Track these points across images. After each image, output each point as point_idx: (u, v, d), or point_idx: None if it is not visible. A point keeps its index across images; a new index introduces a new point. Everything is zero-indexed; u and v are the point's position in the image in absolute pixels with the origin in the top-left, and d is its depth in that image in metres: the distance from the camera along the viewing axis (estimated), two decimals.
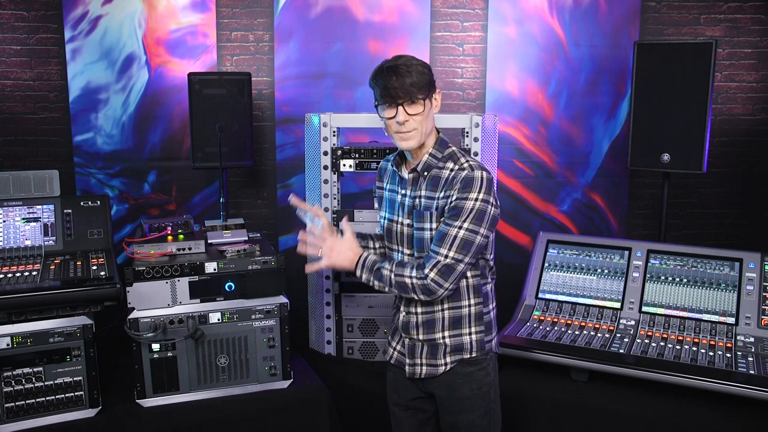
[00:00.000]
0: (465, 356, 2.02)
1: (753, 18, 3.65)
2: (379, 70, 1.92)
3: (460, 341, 2.02)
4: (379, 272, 1.97)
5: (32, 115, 3.49)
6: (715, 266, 2.69)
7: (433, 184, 1.98)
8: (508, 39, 3.64)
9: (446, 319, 2.02)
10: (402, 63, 1.89)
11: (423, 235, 1.98)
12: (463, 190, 1.89)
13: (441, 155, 1.99)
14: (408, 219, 2.03)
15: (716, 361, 2.41)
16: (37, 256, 2.48)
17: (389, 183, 2.14)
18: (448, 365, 2.03)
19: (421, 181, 2.00)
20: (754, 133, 3.77)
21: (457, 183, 1.90)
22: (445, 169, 1.97)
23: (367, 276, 2.00)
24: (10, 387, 2.21)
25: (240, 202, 3.68)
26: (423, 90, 1.89)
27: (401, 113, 1.89)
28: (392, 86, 1.87)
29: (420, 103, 1.90)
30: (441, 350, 2.03)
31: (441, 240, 1.90)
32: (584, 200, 3.80)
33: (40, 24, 3.43)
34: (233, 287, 2.45)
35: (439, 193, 1.96)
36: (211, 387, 2.45)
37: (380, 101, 1.93)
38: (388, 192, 2.14)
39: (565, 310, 2.77)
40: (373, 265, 1.99)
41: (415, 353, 2.07)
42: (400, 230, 2.06)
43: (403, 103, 1.89)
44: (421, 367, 2.06)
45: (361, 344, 2.91)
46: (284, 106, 3.63)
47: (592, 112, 3.72)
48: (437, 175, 1.98)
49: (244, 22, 3.57)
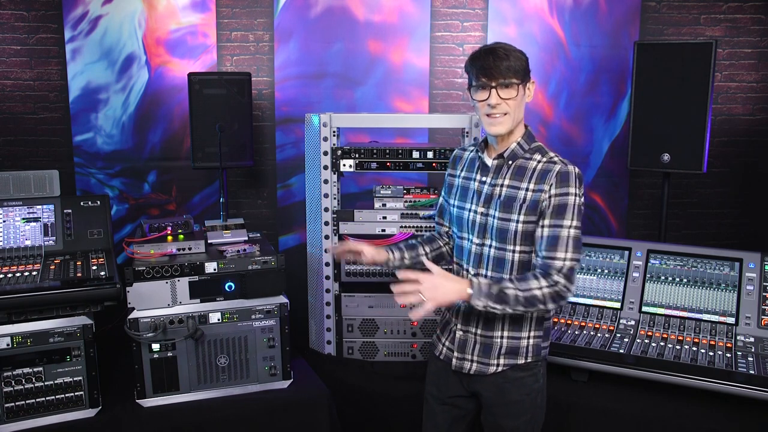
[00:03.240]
0: (519, 361, 1.97)
1: (753, 18, 3.65)
2: (477, 52, 1.91)
3: (517, 344, 1.97)
4: (503, 294, 1.82)
5: (32, 115, 3.49)
6: (715, 266, 2.68)
7: (518, 174, 1.94)
8: (508, 39, 3.59)
9: (507, 317, 1.95)
10: (501, 46, 1.89)
11: (508, 226, 1.91)
12: (561, 185, 1.86)
13: (528, 146, 1.97)
14: (483, 207, 1.97)
15: (716, 361, 2.41)
16: (37, 256, 2.48)
17: (465, 170, 2.09)
18: (500, 367, 1.97)
19: (505, 169, 1.96)
20: (754, 133, 3.77)
21: (552, 177, 1.87)
22: (533, 160, 1.94)
23: (486, 302, 1.82)
24: (10, 387, 2.21)
25: (240, 202, 3.68)
26: (518, 74, 1.88)
27: (494, 95, 1.87)
28: (488, 66, 1.85)
29: (514, 87, 1.88)
30: (495, 350, 1.98)
31: (556, 243, 1.84)
32: (584, 200, 3.79)
33: (40, 24, 3.43)
34: (233, 287, 2.45)
35: (527, 184, 1.91)
36: (211, 387, 2.45)
37: (475, 82, 1.90)
38: (462, 179, 2.08)
39: (565, 310, 2.77)
40: (489, 288, 1.83)
41: (465, 349, 2.02)
42: (472, 218, 2.00)
43: (497, 86, 1.87)
44: (471, 363, 2.01)
45: (361, 344, 2.91)
46: (284, 106, 3.63)
47: (592, 112, 3.72)
48: (523, 165, 1.94)
49: (244, 22, 3.57)
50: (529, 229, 1.90)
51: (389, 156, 2.83)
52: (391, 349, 2.90)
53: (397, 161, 2.83)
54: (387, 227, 2.83)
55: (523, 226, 1.90)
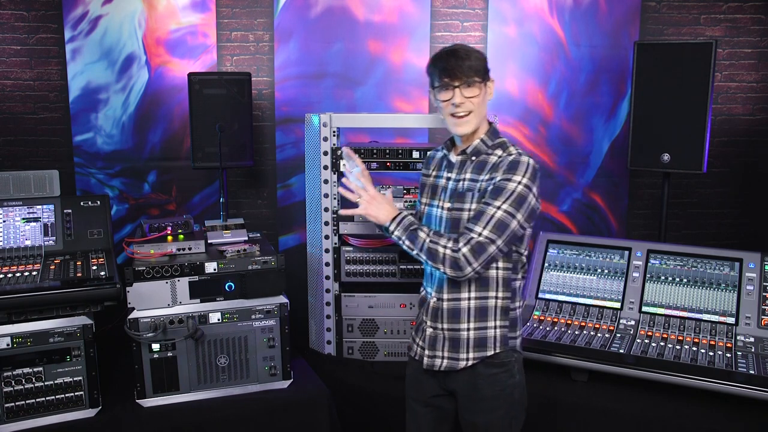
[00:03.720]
0: (488, 353, 2.00)
1: (753, 18, 3.65)
2: (438, 54, 1.99)
3: (484, 334, 2.00)
4: (415, 233, 1.96)
5: (32, 115, 3.49)
6: (715, 266, 2.68)
7: (478, 168, 2.00)
8: (508, 39, 3.64)
9: (472, 309, 2.00)
10: (460, 47, 1.97)
11: (461, 215, 1.98)
12: (508, 171, 1.91)
13: (491, 143, 2.03)
14: (448, 202, 2.03)
15: (716, 361, 2.41)
16: (37, 256, 2.48)
17: (435, 169, 2.16)
18: (470, 361, 2.01)
19: (468, 164, 2.03)
20: (754, 133, 3.77)
21: (503, 165, 1.93)
22: (494, 155, 2.00)
23: (400, 234, 1.99)
24: (10, 387, 2.22)
25: (240, 202, 3.68)
26: (479, 74, 1.96)
27: (458, 95, 1.94)
28: (451, 67, 1.93)
29: (476, 86, 1.96)
30: (463, 344, 2.01)
31: (478, 218, 1.90)
32: (584, 200, 3.80)
33: (40, 24, 3.42)
34: (233, 287, 2.45)
35: (483, 176, 1.98)
36: (211, 387, 2.45)
37: (438, 83, 1.97)
38: (434, 178, 2.15)
39: (565, 310, 2.77)
40: (410, 224, 1.99)
41: (435, 345, 2.05)
42: (439, 214, 2.06)
43: (460, 86, 1.94)
44: (442, 360, 2.04)
45: (361, 344, 2.91)
46: (284, 106, 3.63)
47: (592, 112, 3.72)
48: (485, 160, 2.01)
49: (244, 22, 3.57)
50: None
51: (389, 156, 2.83)
52: (391, 349, 2.90)
53: (397, 161, 2.84)
54: None
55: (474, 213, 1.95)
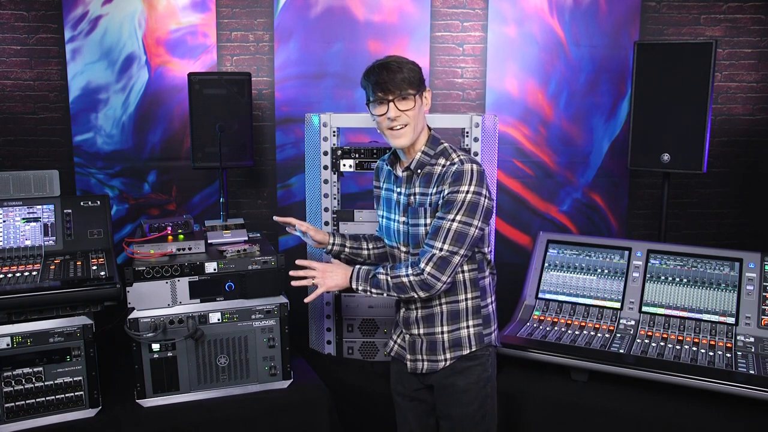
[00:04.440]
0: (464, 352, 2.04)
1: (753, 18, 3.65)
2: (370, 68, 1.96)
3: (458, 336, 2.04)
4: (375, 278, 1.99)
5: (32, 115, 3.49)
6: (715, 266, 2.68)
7: (426, 181, 2.00)
8: (508, 39, 3.64)
9: (445, 313, 2.03)
10: (393, 60, 1.94)
11: (418, 231, 2.00)
12: (454, 183, 1.91)
13: (433, 152, 2.02)
14: (403, 217, 2.05)
15: (716, 361, 2.41)
16: (37, 256, 2.48)
17: (385, 182, 2.17)
18: (448, 361, 2.04)
19: (415, 178, 2.03)
20: (754, 133, 3.77)
21: (449, 177, 1.93)
22: (438, 165, 2.00)
23: (364, 286, 2.00)
24: (10, 387, 2.21)
25: (240, 202, 3.68)
26: (414, 86, 1.93)
27: (392, 109, 1.92)
28: (383, 81, 1.90)
29: (411, 99, 1.94)
30: (440, 346, 2.05)
31: (435, 234, 1.92)
32: (584, 200, 3.80)
33: (40, 24, 3.42)
34: (233, 287, 2.45)
35: (432, 188, 1.98)
36: (211, 387, 2.45)
37: (372, 97, 1.96)
38: (385, 191, 2.17)
39: (565, 310, 2.77)
40: (367, 274, 2.01)
41: (415, 349, 2.09)
42: (397, 228, 2.09)
43: (394, 99, 1.92)
44: (423, 362, 2.08)
45: (361, 344, 2.91)
46: (284, 106, 3.63)
47: (592, 112, 3.72)
48: (430, 171, 2.00)
49: (244, 22, 3.57)
50: None
51: None
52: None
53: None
54: None
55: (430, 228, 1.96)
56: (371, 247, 2.29)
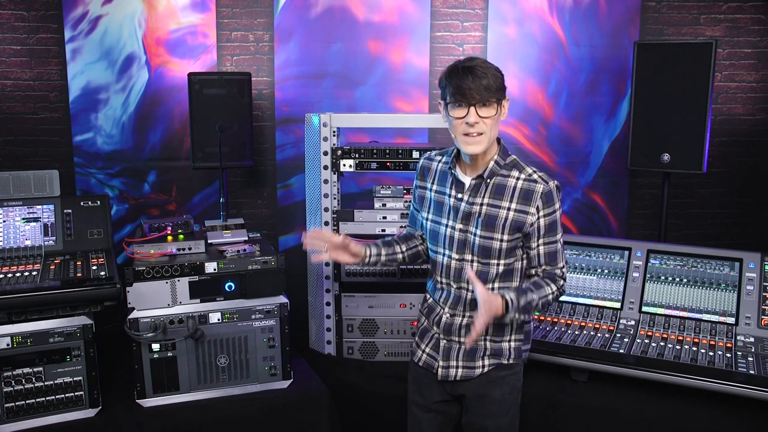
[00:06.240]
0: (503, 362, 2.02)
1: (753, 18, 3.65)
2: (453, 69, 1.87)
3: (500, 347, 2.02)
4: (529, 306, 1.94)
5: (32, 115, 3.49)
6: (715, 266, 2.68)
7: (497, 192, 1.95)
8: (508, 39, 3.64)
9: (490, 325, 1.98)
10: (478, 64, 1.85)
11: (491, 244, 1.95)
12: (547, 205, 1.94)
13: (504, 162, 1.97)
14: (461, 224, 1.98)
15: (716, 361, 2.41)
16: (37, 256, 2.48)
17: (437, 184, 2.07)
18: (486, 368, 2.02)
19: (483, 188, 1.97)
20: (754, 133, 3.77)
21: (538, 199, 1.93)
22: (511, 177, 1.96)
23: (519, 315, 1.93)
24: (10, 387, 2.22)
25: (240, 202, 3.68)
26: (497, 93, 1.86)
27: (473, 114, 1.85)
28: (467, 87, 1.82)
29: (492, 106, 1.87)
30: (480, 352, 2.01)
31: (556, 257, 2.00)
32: (584, 200, 3.80)
33: (40, 24, 3.42)
34: (233, 287, 2.45)
35: (508, 203, 1.94)
36: (211, 387, 2.45)
37: (451, 100, 1.88)
38: (436, 193, 2.07)
39: (565, 310, 2.77)
40: (519, 302, 1.91)
41: (450, 355, 2.04)
42: (450, 234, 2.01)
43: (475, 105, 1.85)
44: (457, 369, 2.03)
45: (361, 344, 2.91)
46: (284, 106, 3.63)
47: (592, 112, 3.72)
48: (502, 183, 1.96)
49: (244, 22, 3.57)
50: (512, 245, 1.97)
51: (389, 156, 2.83)
52: (391, 349, 2.90)
53: (397, 161, 2.84)
54: (387, 227, 2.83)
55: (507, 244, 1.96)
56: (404, 250, 2.21)
